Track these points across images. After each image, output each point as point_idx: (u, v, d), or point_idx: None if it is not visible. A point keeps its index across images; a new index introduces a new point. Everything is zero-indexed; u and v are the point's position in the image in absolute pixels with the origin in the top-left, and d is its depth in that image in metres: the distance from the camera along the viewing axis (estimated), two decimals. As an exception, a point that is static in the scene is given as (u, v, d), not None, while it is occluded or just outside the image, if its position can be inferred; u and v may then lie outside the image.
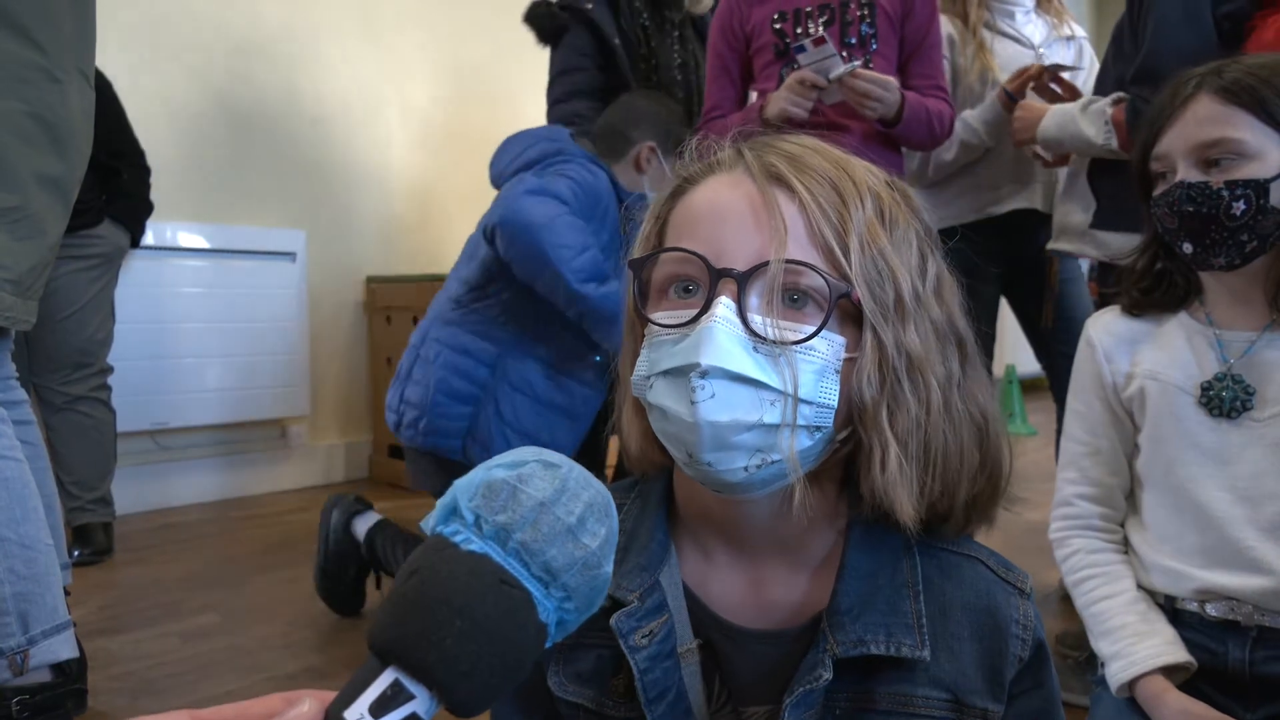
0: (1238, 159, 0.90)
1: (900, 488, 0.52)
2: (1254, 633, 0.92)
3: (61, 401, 2.17)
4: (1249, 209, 0.89)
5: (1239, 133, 0.89)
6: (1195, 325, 1.00)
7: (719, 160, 0.58)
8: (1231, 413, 0.95)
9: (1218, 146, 0.90)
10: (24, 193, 1.16)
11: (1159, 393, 1.00)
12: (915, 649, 0.54)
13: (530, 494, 0.35)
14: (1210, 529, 0.95)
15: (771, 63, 1.66)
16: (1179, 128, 0.94)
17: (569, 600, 0.35)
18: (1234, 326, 0.97)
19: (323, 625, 1.79)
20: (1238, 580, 0.92)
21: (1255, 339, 0.95)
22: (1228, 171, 0.90)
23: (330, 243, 3.10)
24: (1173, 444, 0.99)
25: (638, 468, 0.64)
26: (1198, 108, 0.92)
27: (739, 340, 0.50)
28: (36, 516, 1.20)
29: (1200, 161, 0.92)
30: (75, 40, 1.24)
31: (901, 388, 0.53)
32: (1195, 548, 0.96)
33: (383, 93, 3.24)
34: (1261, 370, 0.94)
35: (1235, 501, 0.94)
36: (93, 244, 2.17)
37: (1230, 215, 0.90)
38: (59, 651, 1.21)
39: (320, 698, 0.31)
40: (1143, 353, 1.03)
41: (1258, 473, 0.93)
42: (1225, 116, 0.90)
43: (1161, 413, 1.00)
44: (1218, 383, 0.96)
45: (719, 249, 0.53)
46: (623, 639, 0.55)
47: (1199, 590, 0.95)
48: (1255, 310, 0.96)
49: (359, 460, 3.21)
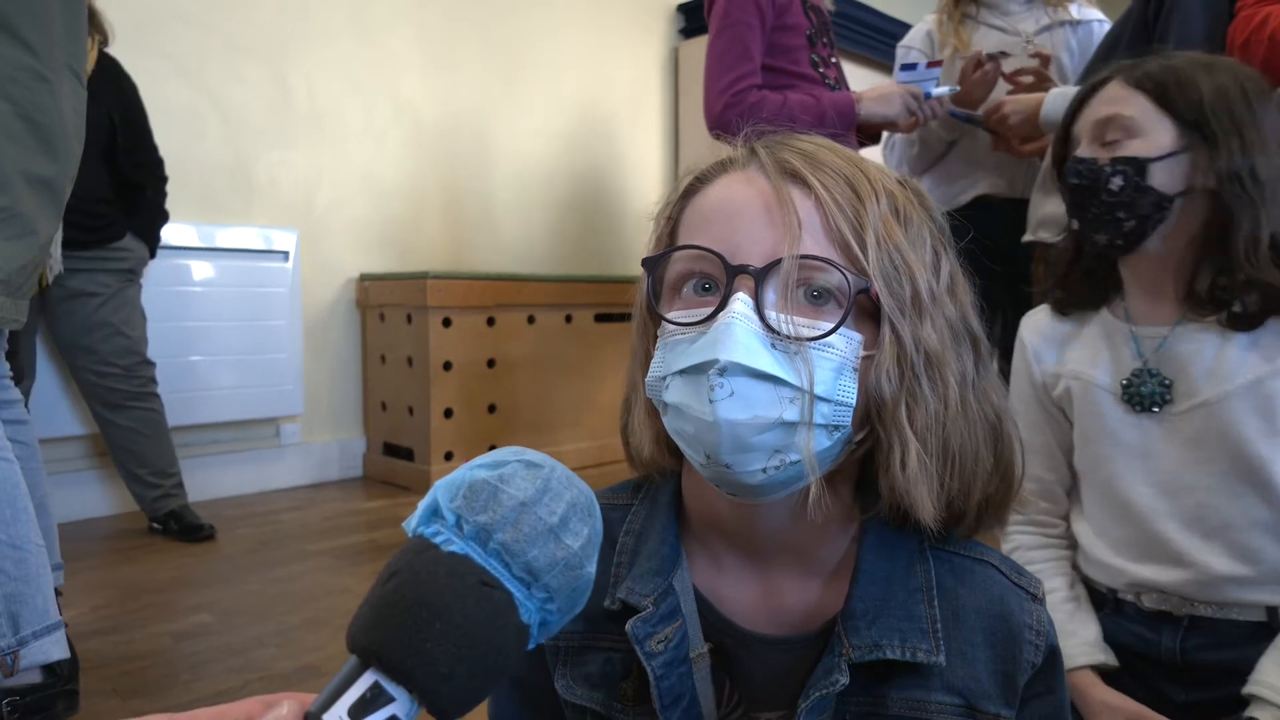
0: (1126, 138, 0.92)
1: (922, 485, 0.52)
2: (1185, 622, 0.95)
3: (118, 399, 2.31)
4: (1126, 185, 0.91)
5: (1131, 111, 0.92)
6: (1114, 322, 1.01)
7: (731, 158, 0.58)
8: (1152, 407, 0.96)
9: (1112, 124, 0.93)
10: (12, 193, 1.15)
11: (1082, 392, 1.02)
12: (930, 654, 0.53)
13: (512, 494, 0.35)
14: (1136, 523, 0.97)
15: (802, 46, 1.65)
16: (1088, 109, 0.97)
17: (551, 601, 0.35)
18: (1149, 321, 0.98)
19: (317, 624, 1.79)
20: (1164, 573, 0.95)
21: (1168, 333, 0.96)
22: (1115, 149, 0.92)
23: (323, 241, 3.09)
24: (1098, 441, 1.00)
25: (648, 472, 0.63)
26: (1107, 90, 0.96)
27: (757, 336, 0.49)
28: (27, 517, 1.19)
29: (1097, 138, 0.95)
30: (66, 39, 1.23)
31: (920, 385, 0.52)
32: (1124, 541, 0.99)
33: (375, 90, 3.23)
34: (1176, 364, 0.95)
35: (1158, 496, 0.96)
36: (121, 258, 2.30)
37: (1109, 190, 0.92)
38: (50, 652, 1.21)
39: (300, 700, 0.31)
40: (1067, 352, 1.05)
41: (1176, 466, 0.95)
42: (1125, 97, 0.94)
43: (1086, 411, 1.02)
44: (1136, 378, 0.97)
45: (734, 246, 0.52)
46: (638, 645, 0.54)
47: (1131, 583, 0.98)
48: (1168, 305, 0.97)
49: (353, 459, 3.21)
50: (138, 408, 2.34)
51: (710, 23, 1.70)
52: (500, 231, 3.61)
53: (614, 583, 0.58)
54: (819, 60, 1.70)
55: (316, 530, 2.51)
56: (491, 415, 3.10)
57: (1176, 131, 0.91)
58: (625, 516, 0.63)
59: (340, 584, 2.04)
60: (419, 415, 2.98)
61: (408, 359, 3.00)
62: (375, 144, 3.24)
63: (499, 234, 3.61)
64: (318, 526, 2.55)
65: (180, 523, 2.38)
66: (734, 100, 1.60)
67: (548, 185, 3.76)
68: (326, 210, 3.11)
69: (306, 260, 3.03)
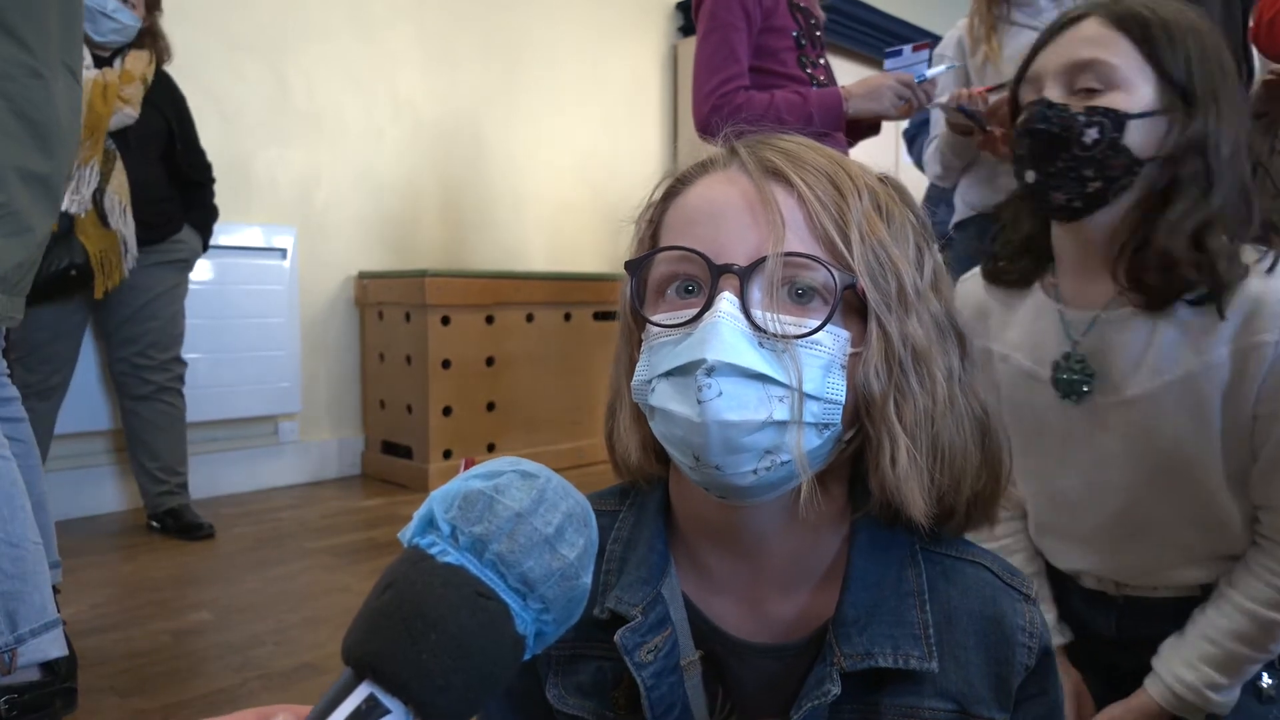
0: (1105, 89, 0.83)
1: (912, 481, 0.51)
2: (1121, 601, 0.96)
3: (146, 390, 2.38)
4: (1100, 140, 0.82)
5: (1115, 58, 0.83)
6: (1044, 300, 0.95)
7: (712, 159, 0.57)
8: (1073, 395, 0.91)
9: (1089, 70, 0.84)
10: (7, 190, 1.15)
11: (1010, 374, 0.98)
12: (923, 660, 0.52)
13: (507, 504, 0.34)
14: (1066, 512, 0.97)
15: (789, 48, 1.65)
16: (1057, 47, 0.87)
17: (547, 612, 0.35)
18: (1079, 303, 0.91)
19: (315, 622, 1.79)
20: (1094, 562, 0.96)
21: (1096, 316, 0.89)
22: (1092, 99, 0.83)
23: (321, 239, 3.09)
24: (1025, 428, 0.96)
25: (634, 478, 0.62)
26: (1083, 27, 0.86)
27: (744, 335, 0.48)
28: (24, 514, 1.19)
29: (1068, 84, 0.85)
30: (62, 36, 1.23)
31: (908, 380, 0.52)
32: (1056, 528, 0.99)
33: (373, 88, 3.22)
34: (1104, 351, 0.89)
35: (1085, 488, 0.94)
36: (178, 249, 2.41)
37: (1081, 143, 0.82)
38: (48, 650, 1.21)
39: (295, 712, 0.31)
40: (996, 330, 0.99)
41: (1103, 460, 0.91)
42: (1107, 40, 0.84)
43: (1014, 394, 0.97)
44: (1063, 363, 0.91)
45: (718, 246, 0.51)
46: (627, 655, 0.54)
47: (1069, 567, 0.99)
48: (1099, 285, 0.89)
49: (351, 457, 3.20)
50: (161, 401, 2.40)
51: (698, 25, 1.70)
52: (499, 229, 3.61)
53: (603, 591, 0.58)
54: (807, 62, 1.70)
55: (315, 528, 2.51)
56: (490, 413, 3.10)
57: (1159, 88, 0.83)
58: (613, 523, 0.62)
59: (339, 582, 2.04)
60: (417, 413, 2.97)
61: (406, 357, 3.00)
62: (374, 142, 3.23)
63: (498, 232, 3.61)
64: (316, 524, 2.55)
65: (179, 521, 2.39)
66: (721, 102, 1.60)
67: (547, 183, 3.76)
68: (325, 208, 3.11)
69: (305, 258, 3.02)
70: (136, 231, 2.23)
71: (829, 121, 1.63)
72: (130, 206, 2.20)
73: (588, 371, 3.37)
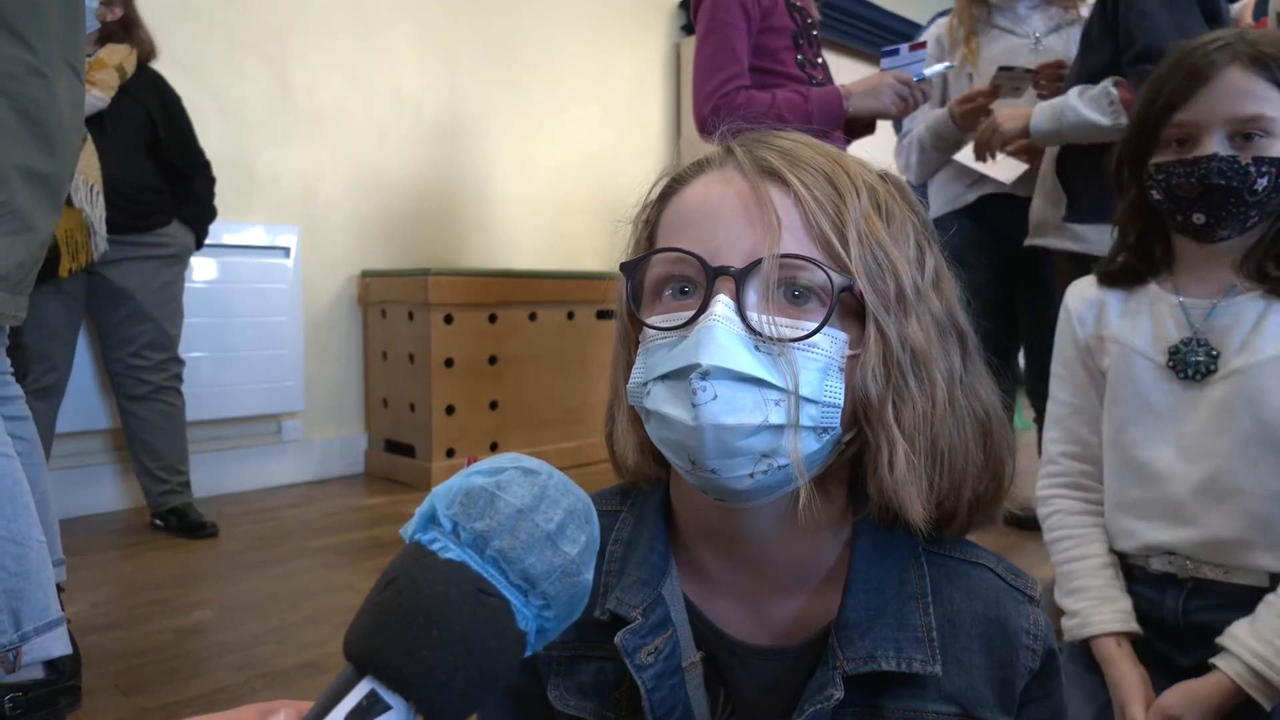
0: (1263, 135, 0.92)
1: (910, 485, 0.51)
2: (1189, 584, 0.99)
3: (144, 391, 2.37)
4: (1269, 185, 0.92)
5: (1273, 111, 0.92)
6: (1160, 293, 1.03)
7: (708, 158, 0.56)
8: (1197, 375, 0.98)
9: (1253, 123, 0.92)
10: (9, 189, 1.15)
11: (1120, 356, 1.04)
12: (926, 664, 0.52)
13: (509, 501, 0.34)
14: (1152, 485, 1.00)
15: (788, 47, 1.65)
16: (1211, 97, 0.94)
17: (548, 608, 0.35)
18: (1196, 293, 1.00)
19: (317, 621, 1.79)
20: (1173, 534, 0.99)
21: (1216, 304, 0.99)
22: (1257, 148, 0.93)
23: (324, 238, 3.09)
24: (1128, 405, 1.03)
25: (634, 479, 0.62)
26: (1230, 78, 0.93)
27: (739, 339, 0.48)
28: (28, 513, 1.19)
29: (1233, 134, 0.94)
30: (64, 34, 1.23)
31: (907, 383, 0.51)
32: (1138, 503, 1.02)
33: (375, 86, 3.22)
34: (1219, 333, 0.98)
35: (1178, 459, 0.99)
36: (165, 243, 2.37)
37: (1252, 191, 0.92)
38: (52, 648, 1.21)
39: (297, 708, 0.31)
40: (1109, 318, 1.07)
41: (1200, 431, 0.97)
42: (1260, 93, 0.92)
43: (1121, 375, 1.04)
44: (1184, 346, 0.99)
45: (714, 247, 0.50)
46: (628, 657, 0.53)
47: (1141, 546, 1.01)
48: (1216, 281, 1.00)
49: (354, 455, 3.21)
50: (159, 401, 2.40)
51: (697, 25, 1.70)
52: (502, 228, 3.61)
53: (603, 593, 0.57)
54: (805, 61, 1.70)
55: (317, 527, 2.51)
56: (493, 412, 3.10)
57: None
58: (614, 524, 0.61)
59: (341, 580, 2.05)
60: (420, 412, 2.98)
61: (409, 355, 3.00)
62: (376, 140, 3.23)
63: (500, 230, 3.61)
64: (319, 523, 2.55)
65: (182, 520, 2.40)
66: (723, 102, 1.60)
67: (549, 181, 3.75)
68: (328, 206, 3.11)
69: (308, 256, 3.02)
70: (119, 220, 2.20)
71: (829, 120, 1.63)
72: (101, 190, 2.14)
73: (590, 370, 3.37)
